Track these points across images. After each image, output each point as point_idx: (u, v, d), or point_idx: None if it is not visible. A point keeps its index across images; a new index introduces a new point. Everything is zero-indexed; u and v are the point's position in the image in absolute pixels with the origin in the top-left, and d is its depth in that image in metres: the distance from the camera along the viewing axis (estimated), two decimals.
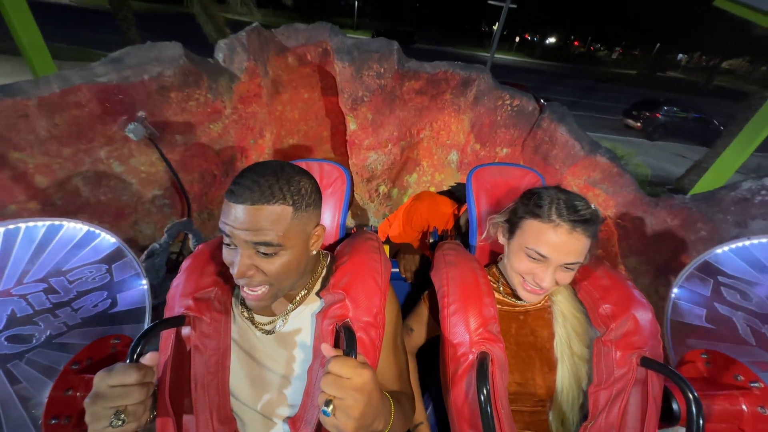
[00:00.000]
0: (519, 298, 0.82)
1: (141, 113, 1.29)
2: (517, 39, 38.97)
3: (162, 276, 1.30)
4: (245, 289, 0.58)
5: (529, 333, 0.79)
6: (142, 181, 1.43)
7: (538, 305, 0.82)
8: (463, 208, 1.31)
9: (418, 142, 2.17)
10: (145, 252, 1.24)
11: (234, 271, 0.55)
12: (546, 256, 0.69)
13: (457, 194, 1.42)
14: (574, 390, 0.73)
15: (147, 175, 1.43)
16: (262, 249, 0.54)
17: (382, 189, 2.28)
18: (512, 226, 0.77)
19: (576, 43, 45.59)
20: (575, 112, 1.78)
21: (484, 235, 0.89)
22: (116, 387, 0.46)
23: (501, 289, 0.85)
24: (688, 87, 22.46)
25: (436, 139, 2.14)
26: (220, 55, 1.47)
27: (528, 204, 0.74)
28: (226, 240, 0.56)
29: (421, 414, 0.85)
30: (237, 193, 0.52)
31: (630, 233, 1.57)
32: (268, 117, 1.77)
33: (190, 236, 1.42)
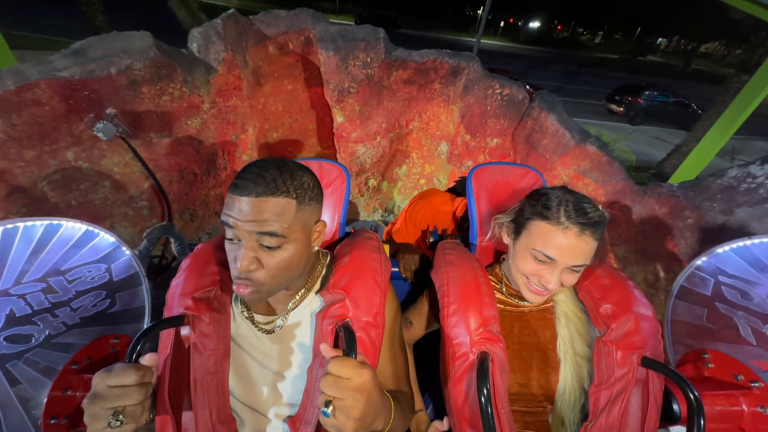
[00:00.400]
0: (522, 299, 0.82)
1: (110, 110, 1.20)
2: (502, 24, 38.70)
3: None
4: (240, 286, 0.57)
5: (532, 333, 0.79)
6: (116, 183, 1.34)
7: (541, 306, 0.82)
8: (462, 203, 1.28)
9: (407, 134, 2.12)
10: None
11: (237, 265, 0.55)
12: (553, 258, 0.68)
13: (459, 189, 1.40)
14: (576, 391, 0.73)
15: (121, 176, 1.34)
16: (266, 241, 0.54)
17: (372, 182, 2.23)
18: (518, 227, 0.76)
19: (559, 27, 45.64)
20: (561, 98, 1.76)
21: (488, 235, 0.88)
22: (115, 387, 0.46)
23: (504, 289, 0.84)
24: (667, 71, 22.94)
25: (425, 130, 2.10)
26: (194, 45, 1.37)
27: (536, 205, 0.73)
28: (229, 234, 0.56)
29: (419, 402, 0.86)
30: (241, 186, 0.53)
31: (619, 222, 1.59)
32: (249, 110, 1.68)
33: (171, 240, 1.35)
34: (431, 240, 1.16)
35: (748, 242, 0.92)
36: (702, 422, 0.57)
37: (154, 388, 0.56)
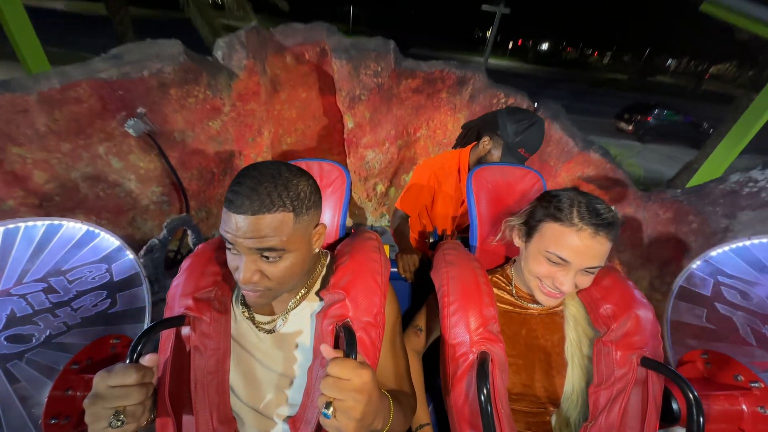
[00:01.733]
0: (530, 301, 0.82)
1: (140, 109, 1.30)
2: (510, 45, 39.55)
3: (160, 272, 1.30)
4: (247, 291, 0.58)
5: (539, 336, 0.79)
6: (141, 178, 1.43)
7: (549, 309, 0.81)
8: (464, 153, 1.34)
9: (414, 141, 2.20)
10: (145, 247, 1.23)
11: (239, 276, 0.55)
12: (568, 260, 0.68)
13: (459, 141, 1.45)
14: (583, 393, 0.72)
15: (146, 171, 1.43)
16: (266, 254, 0.54)
17: (380, 188, 2.30)
18: (530, 229, 0.75)
19: (569, 49, 46.36)
20: (569, 116, 1.83)
21: (498, 237, 0.88)
22: (116, 387, 0.46)
23: (513, 291, 0.84)
24: (677, 91, 22.95)
25: (432, 137, 2.17)
26: (219, 53, 1.49)
27: (547, 207, 0.72)
28: (229, 246, 0.56)
29: (425, 415, 0.84)
30: (236, 203, 0.52)
31: (623, 227, 1.60)
32: (266, 115, 1.79)
33: (189, 233, 1.42)
34: (431, 240, 1.17)
35: (747, 243, 0.92)
36: (702, 422, 0.56)
37: (155, 388, 0.56)
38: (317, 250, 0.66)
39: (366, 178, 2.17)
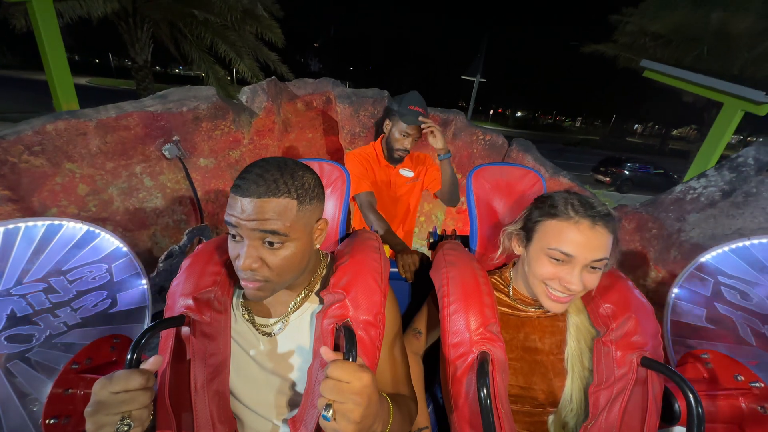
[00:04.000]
0: (528, 304, 0.81)
1: (176, 137, 1.55)
2: (492, 111, 43.80)
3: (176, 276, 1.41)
4: (246, 282, 0.58)
5: (537, 339, 0.78)
6: (167, 197, 1.62)
7: (548, 312, 0.79)
8: (377, 145, 1.53)
9: None
10: (165, 252, 1.36)
11: (240, 262, 0.56)
12: (571, 254, 0.66)
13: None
14: (582, 401, 0.72)
15: (171, 191, 1.63)
16: (269, 238, 0.55)
17: None
18: (528, 232, 0.74)
19: (542, 116, 51.33)
20: None
21: (500, 251, 0.84)
22: (119, 393, 0.46)
23: (511, 293, 0.82)
24: (646, 149, 25.05)
25: None
26: (244, 97, 1.81)
27: (542, 207, 0.72)
28: (232, 232, 0.56)
29: (425, 418, 0.83)
30: (243, 187, 0.54)
31: None
32: (278, 150, 2.06)
33: (203, 241, 1.56)
34: (431, 240, 1.19)
35: (747, 243, 0.92)
36: (702, 422, 0.56)
37: (155, 389, 0.56)
38: (318, 246, 0.66)
39: None
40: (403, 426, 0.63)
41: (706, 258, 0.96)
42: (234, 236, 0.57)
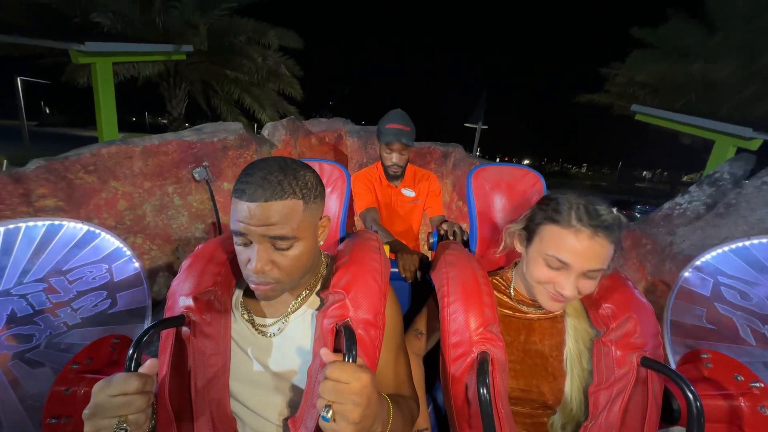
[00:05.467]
0: (529, 305, 0.81)
1: (205, 163, 1.78)
2: (498, 159, 45.33)
3: None
4: (258, 285, 0.58)
5: (537, 341, 0.78)
6: (192, 215, 1.80)
7: (549, 314, 0.80)
8: (378, 166, 1.61)
9: None
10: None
11: (251, 267, 0.56)
12: (567, 262, 0.65)
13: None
14: (582, 403, 0.72)
15: (197, 210, 1.81)
16: (279, 243, 0.55)
17: None
18: (530, 233, 0.74)
19: (548, 164, 52.64)
20: None
21: (501, 247, 0.85)
22: (117, 396, 0.45)
23: (512, 294, 0.82)
24: (655, 194, 25.03)
25: None
26: (266, 132, 2.08)
27: (546, 209, 0.71)
28: (240, 239, 0.56)
29: (425, 420, 0.83)
30: (248, 191, 0.53)
31: None
32: None
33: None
34: (431, 240, 1.18)
35: (747, 243, 0.92)
36: (702, 422, 0.56)
37: (155, 390, 0.56)
38: (321, 242, 0.67)
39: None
40: (404, 427, 0.63)
41: (706, 258, 0.95)
42: (241, 243, 0.57)
